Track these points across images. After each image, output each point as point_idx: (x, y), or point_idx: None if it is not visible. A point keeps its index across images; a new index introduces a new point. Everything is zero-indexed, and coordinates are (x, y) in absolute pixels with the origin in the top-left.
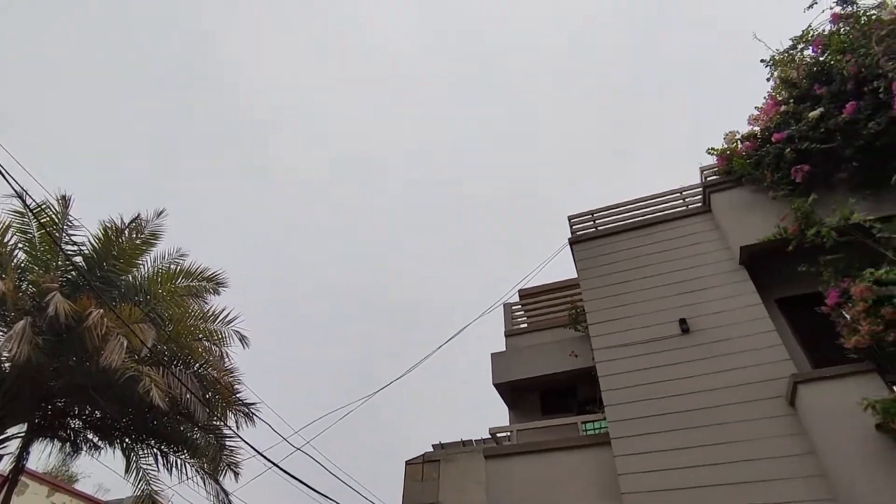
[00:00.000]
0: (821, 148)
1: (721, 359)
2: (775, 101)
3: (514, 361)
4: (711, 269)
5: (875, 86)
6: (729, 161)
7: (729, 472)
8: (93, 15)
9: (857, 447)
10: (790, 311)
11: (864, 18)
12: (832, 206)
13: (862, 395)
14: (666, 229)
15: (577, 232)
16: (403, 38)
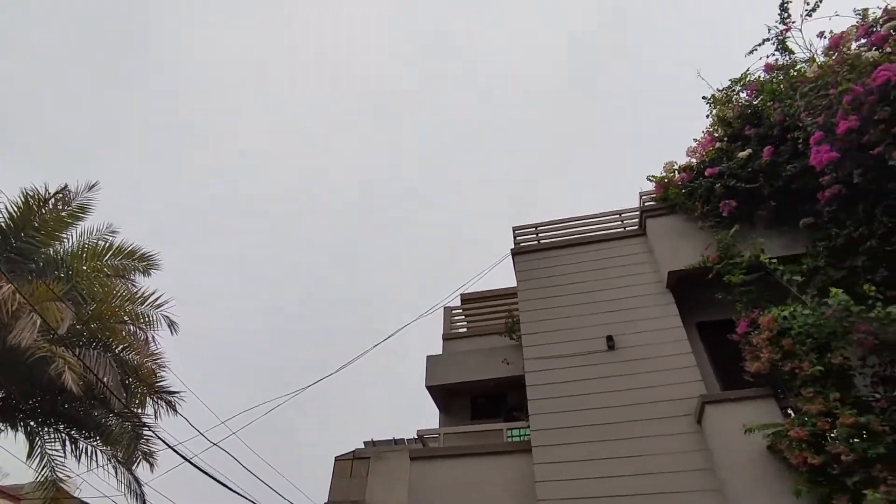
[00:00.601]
0: (746, 186)
1: (641, 376)
2: (711, 138)
3: (448, 365)
4: (641, 289)
5: (795, 135)
6: (666, 189)
7: (638, 484)
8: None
9: (750, 466)
10: (707, 335)
11: (793, 72)
12: (751, 241)
13: (758, 419)
14: (603, 248)
15: (520, 243)
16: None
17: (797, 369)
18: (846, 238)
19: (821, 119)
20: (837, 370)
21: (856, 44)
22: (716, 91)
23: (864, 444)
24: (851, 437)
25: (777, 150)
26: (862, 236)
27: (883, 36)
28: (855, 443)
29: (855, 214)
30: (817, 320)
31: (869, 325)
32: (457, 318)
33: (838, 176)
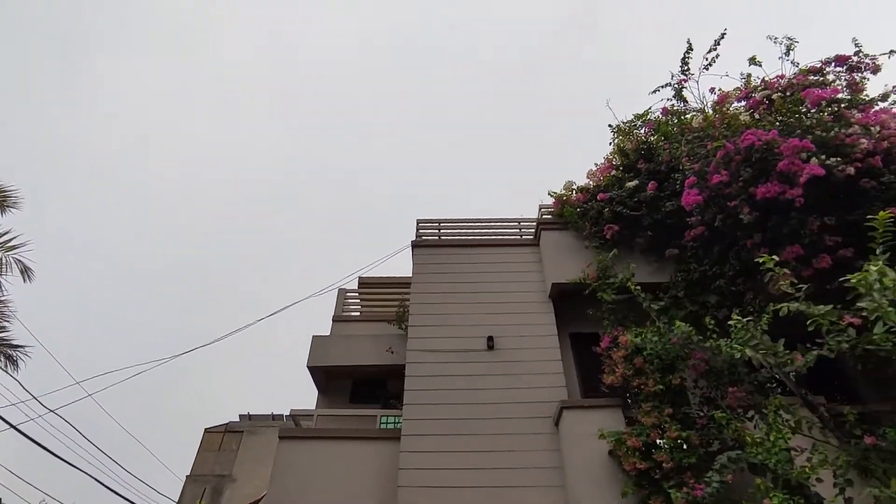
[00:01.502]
0: (630, 214)
1: (514, 377)
2: (610, 165)
3: (334, 347)
4: (526, 296)
5: (676, 176)
6: (562, 206)
7: (495, 476)
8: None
9: (592, 467)
10: (578, 345)
11: (684, 118)
12: (625, 265)
13: (607, 426)
14: (498, 252)
15: (421, 236)
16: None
17: (643, 385)
18: (701, 274)
19: (697, 166)
20: (675, 389)
21: (737, 104)
22: (621, 122)
23: (681, 455)
24: (674, 448)
25: (661, 186)
26: (714, 275)
27: (757, 101)
28: (675, 453)
29: (711, 254)
30: (664, 345)
31: (704, 353)
32: (351, 300)
33: (703, 218)
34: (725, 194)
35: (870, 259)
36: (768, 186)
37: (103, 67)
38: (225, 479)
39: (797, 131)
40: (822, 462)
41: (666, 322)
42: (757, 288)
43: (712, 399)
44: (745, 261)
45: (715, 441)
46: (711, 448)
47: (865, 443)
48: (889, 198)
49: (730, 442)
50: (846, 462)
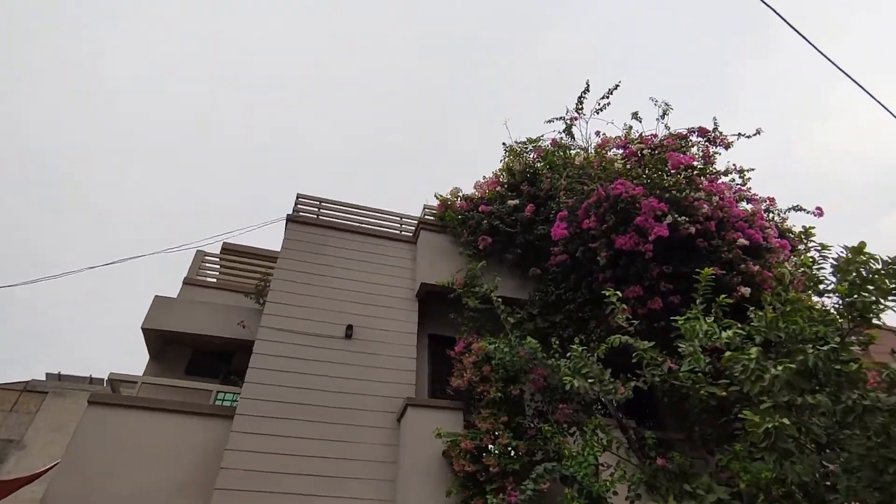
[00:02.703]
0: (506, 230)
1: (367, 369)
2: (496, 181)
3: (179, 310)
4: (393, 291)
5: (552, 205)
6: (445, 210)
7: (327, 466)
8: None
9: (424, 465)
10: (435, 346)
11: (570, 153)
12: (492, 276)
13: (446, 427)
14: (375, 243)
15: (299, 211)
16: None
17: (486, 392)
18: (557, 297)
19: (571, 201)
20: (513, 399)
21: (615, 150)
22: (515, 142)
23: (507, 461)
24: (502, 454)
25: (538, 210)
26: (567, 299)
27: (632, 152)
28: (503, 459)
29: (568, 281)
30: (513, 357)
31: (544, 370)
32: (209, 265)
33: (567, 249)
34: (590, 235)
35: (691, 307)
36: (626, 238)
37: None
38: (10, 445)
39: (657, 190)
40: (621, 478)
41: (518, 336)
42: (600, 317)
43: (544, 413)
44: (594, 292)
45: (539, 451)
46: (535, 458)
47: (657, 464)
48: (715, 258)
49: (551, 453)
50: (639, 479)
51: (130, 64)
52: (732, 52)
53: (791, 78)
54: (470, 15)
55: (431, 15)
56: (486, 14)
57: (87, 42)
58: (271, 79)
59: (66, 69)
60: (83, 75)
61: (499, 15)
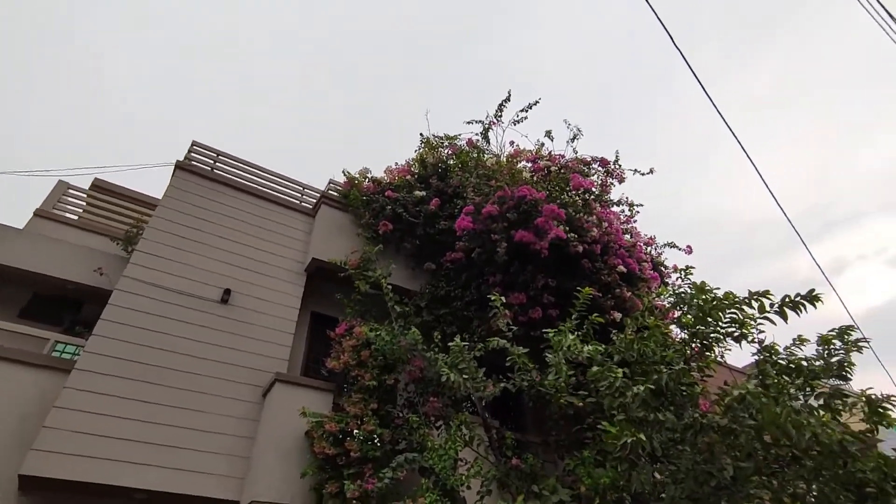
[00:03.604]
0: (408, 219)
1: (239, 338)
2: (408, 169)
3: (22, 244)
4: (282, 262)
5: (458, 202)
6: (351, 188)
7: (174, 435)
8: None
9: (283, 444)
10: (317, 324)
11: (483, 156)
12: (387, 263)
13: (314, 407)
14: (271, 209)
15: (192, 160)
16: None
17: (360, 377)
18: (446, 293)
19: (477, 200)
20: (387, 387)
21: (525, 163)
22: (432, 135)
23: (369, 448)
24: (365, 441)
25: (443, 205)
26: (455, 297)
27: (540, 167)
28: (365, 445)
29: (460, 279)
30: (393, 345)
31: (422, 362)
32: (72, 199)
33: (465, 246)
34: (491, 229)
35: (566, 321)
36: (524, 233)
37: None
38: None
39: (558, 203)
40: (476, 473)
41: (402, 326)
42: (483, 319)
43: (414, 404)
44: (482, 294)
45: (403, 441)
46: (399, 447)
47: (512, 463)
48: (595, 280)
49: (415, 444)
50: (493, 476)
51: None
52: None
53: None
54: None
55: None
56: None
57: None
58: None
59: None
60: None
61: (449, 10)
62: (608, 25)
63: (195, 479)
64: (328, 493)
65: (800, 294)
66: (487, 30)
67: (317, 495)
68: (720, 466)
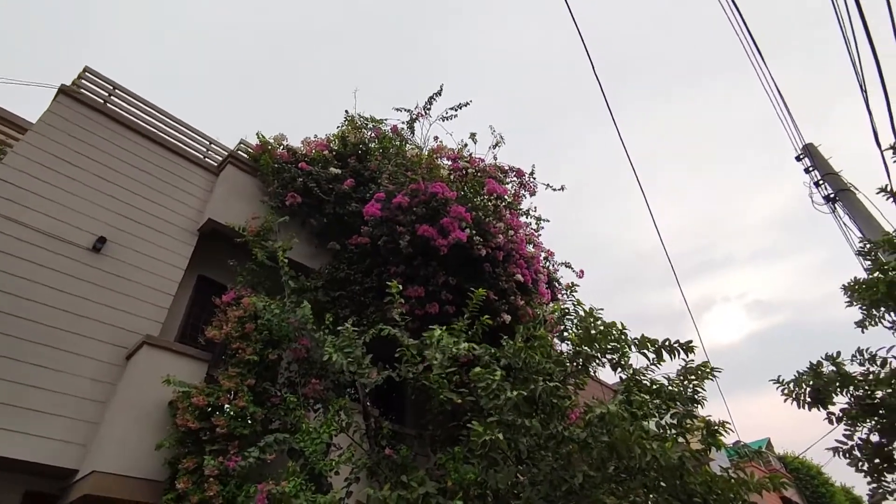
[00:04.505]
0: (319, 195)
1: (109, 293)
2: (326, 144)
3: None
4: (173, 217)
5: (372, 187)
6: (263, 153)
7: (10, 392)
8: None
9: (141, 411)
10: (203, 289)
11: (404, 145)
12: (289, 235)
13: (183, 376)
14: (168, 157)
15: (81, 87)
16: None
17: (241, 350)
18: (346, 276)
19: (391, 188)
20: (268, 364)
21: (445, 161)
22: (358, 115)
23: (238, 424)
24: (235, 417)
25: (357, 186)
26: (354, 281)
27: (458, 167)
28: (234, 422)
29: (362, 264)
30: (281, 321)
31: (309, 341)
32: None
33: (373, 232)
34: (398, 220)
35: (458, 319)
36: (428, 228)
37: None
38: None
39: (468, 205)
40: (347, 460)
41: (294, 302)
42: (379, 307)
43: (295, 384)
44: (382, 282)
45: (277, 421)
46: (272, 426)
47: (385, 453)
48: (493, 284)
49: (289, 425)
50: (363, 464)
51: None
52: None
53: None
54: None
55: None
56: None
57: None
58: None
59: None
60: None
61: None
62: (550, 58)
63: (28, 442)
64: (184, 468)
65: (678, 341)
66: (443, 25)
67: (171, 470)
68: (573, 473)
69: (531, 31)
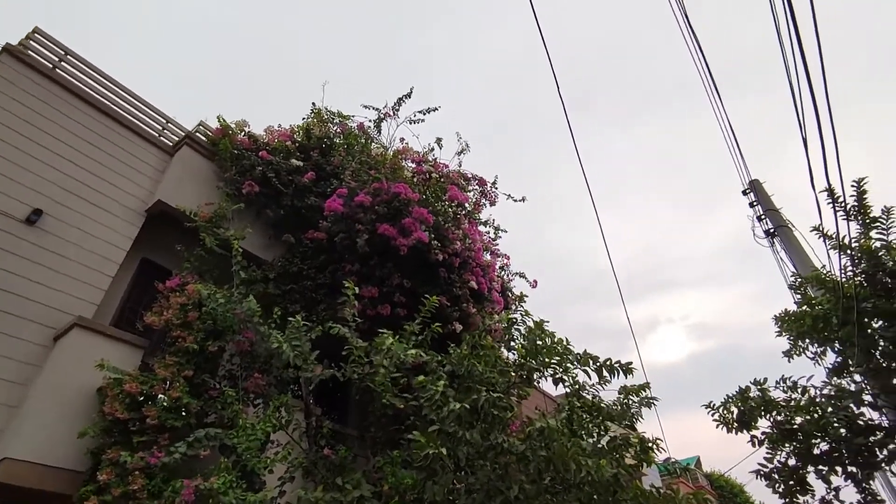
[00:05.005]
0: (278, 186)
1: (42, 270)
2: (290, 134)
3: None
4: (120, 195)
5: (334, 182)
6: (224, 137)
7: None
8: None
9: (67, 396)
10: (146, 272)
11: (369, 143)
12: (244, 225)
13: (116, 362)
14: (120, 132)
15: (29, 48)
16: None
17: (181, 339)
18: (299, 270)
19: (353, 185)
20: (208, 355)
21: (410, 163)
22: (325, 108)
23: (170, 416)
24: (168, 408)
25: (317, 181)
26: (307, 276)
27: (423, 171)
28: (166, 413)
29: (317, 260)
30: (227, 312)
31: (255, 335)
32: None
33: (331, 228)
34: (358, 218)
35: (409, 323)
36: (389, 228)
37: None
38: None
39: (430, 209)
40: (283, 458)
41: (242, 293)
42: (330, 304)
43: (236, 377)
44: (336, 279)
45: (213, 414)
46: (207, 420)
47: (323, 453)
48: (447, 290)
49: (225, 420)
50: (299, 463)
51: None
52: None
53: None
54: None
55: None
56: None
57: None
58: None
59: None
60: None
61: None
62: (522, 86)
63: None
64: (108, 459)
65: (619, 361)
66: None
67: (93, 460)
68: (509, 485)
69: (510, 42)
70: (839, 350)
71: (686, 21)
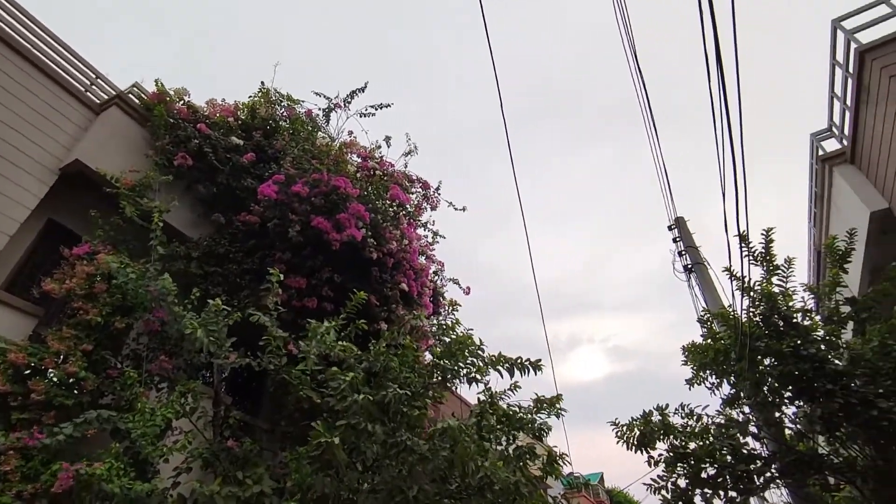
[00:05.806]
0: (213, 162)
1: None
2: (233, 111)
3: None
4: (31, 148)
5: (273, 166)
6: (158, 104)
7: None
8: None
9: None
10: (49, 235)
11: (316, 132)
12: (173, 198)
13: (3, 329)
14: (41, 82)
15: None
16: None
17: (83, 311)
18: (226, 252)
19: (292, 172)
20: (114, 332)
21: (355, 157)
22: (275, 89)
23: (60, 392)
24: (58, 384)
25: (256, 162)
26: (234, 260)
27: (367, 167)
28: (54, 389)
29: (246, 243)
30: (138, 288)
31: (166, 315)
32: None
33: (264, 213)
34: (293, 207)
35: (335, 318)
36: (322, 221)
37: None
38: None
39: (370, 206)
40: (181, 448)
41: (158, 270)
42: (254, 291)
43: (141, 358)
44: (263, 265)
45: (109, 395)
46: (103, 401)
47: (227, 445)
48: (378, 289)
49: (123, 402)
50: (198, 454)
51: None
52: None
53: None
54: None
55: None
56: None
57: None
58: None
59: None
60: None
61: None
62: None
63: None
64: None
65: (529, 359)
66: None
67: None
68: (411, 485)
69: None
70: (734, 383)
71: (635, 60)
